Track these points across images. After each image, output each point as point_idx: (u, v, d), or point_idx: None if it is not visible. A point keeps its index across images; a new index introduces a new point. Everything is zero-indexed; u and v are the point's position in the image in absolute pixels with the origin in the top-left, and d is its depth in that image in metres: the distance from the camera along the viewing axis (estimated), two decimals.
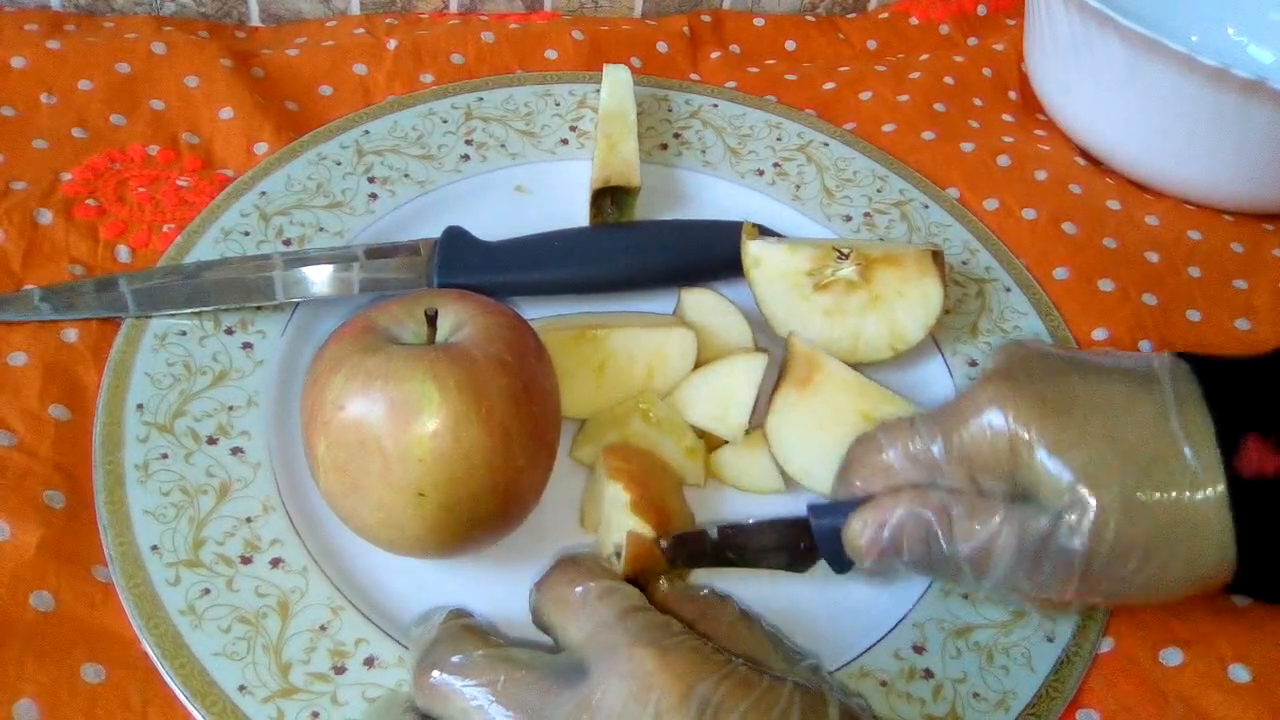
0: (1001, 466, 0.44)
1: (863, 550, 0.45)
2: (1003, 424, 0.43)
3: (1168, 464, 0.42)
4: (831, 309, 0.56)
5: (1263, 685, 0.48)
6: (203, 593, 0.45)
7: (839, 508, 0.47)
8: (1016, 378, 0.45)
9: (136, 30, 0.69)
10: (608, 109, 0.65)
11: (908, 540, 0.44)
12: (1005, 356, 0.47)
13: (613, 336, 0.53)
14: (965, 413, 0.45)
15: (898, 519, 0.44)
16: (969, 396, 0.45)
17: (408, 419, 0.41)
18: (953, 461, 0.45)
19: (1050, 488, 0.42)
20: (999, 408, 0.44)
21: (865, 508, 0.46)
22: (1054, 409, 0.43)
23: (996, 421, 0.43)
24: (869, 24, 0.84)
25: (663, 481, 0.50)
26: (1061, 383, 0.44)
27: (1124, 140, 0.70)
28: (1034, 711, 0.46)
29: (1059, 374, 0.45)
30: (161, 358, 0.53)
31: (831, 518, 0.47)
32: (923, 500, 0.44)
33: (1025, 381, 0.44)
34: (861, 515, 0.45)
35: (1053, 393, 0.44)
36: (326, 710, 0.42)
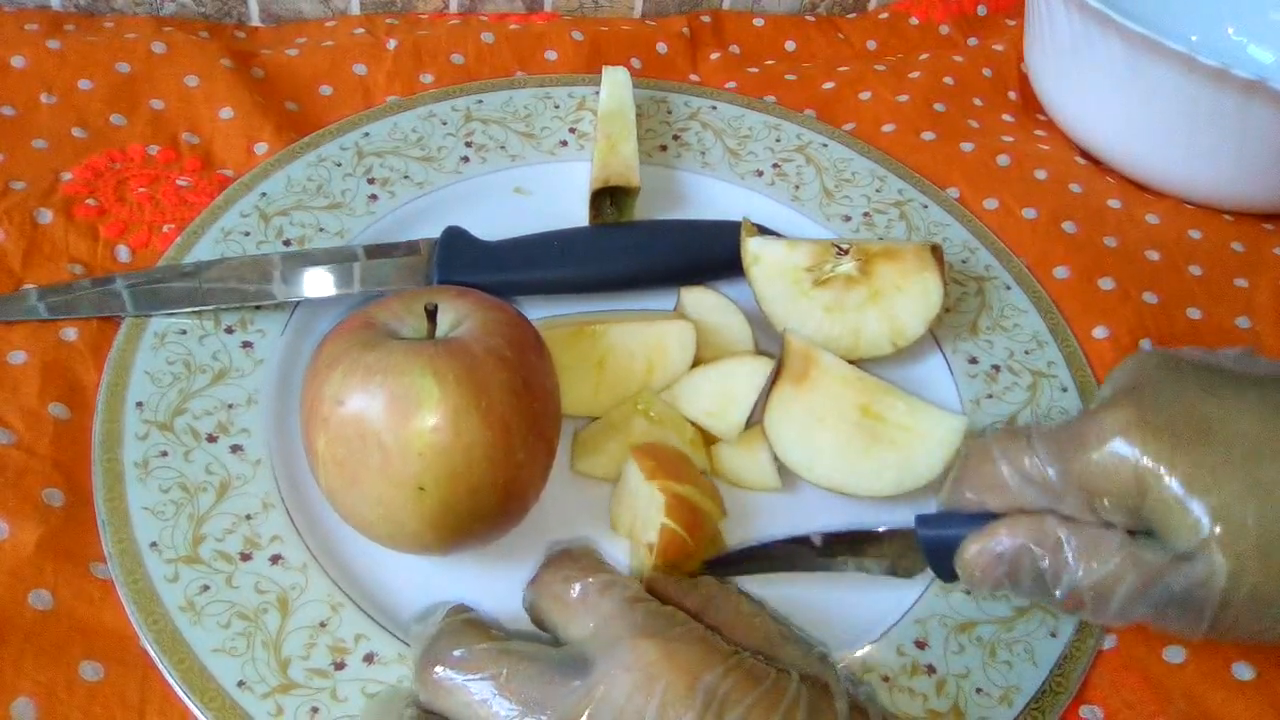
0: (1126, 499, 0.41)
1: (976, 579, 0.44)
2: (1129, 454, 0.40)
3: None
4: (831, 305, 0.56)
5: (1266, 683, 0.48)
6: (202, 589, 0.45)
7: (946, 520, 0.45)
8: (1145, 402, 0.41)
9: (136, 30, 0.69)
10: (607, 110, 0.65)
11: (1021, 572, 0.42)
12: (1135, 372, 0.44)
13: (612, 331, 0.53)
14: (1088, 438, 0.41)
15: (1011, 550, 0.42)
16: (1092, 420, 0.42)
17: (407, 413, 0.41)
18: (1071, 488, 0.42)
19: (1180, 527, 0.39)
20: (1125, 437, 0.40)
21: (979, 534, 0.43)
22: (1187, 441, 0.40)
23: (1122, 451, 0.40)
24: (869, 24, 0.84)
25: (695, 480, 0.49)
26: (1196, 408, 0.41)
27: (1124, 140, 0.70)
28: (1037, 706, 0.46)
29: (1193, 397, 0.41)
30: (161, 356, 0.53)
31: (938, 528, 0.45)
32: (1038, 532, 0.42)
33: (1155, 407, 0.41)
34: (975, 541, 0.43)
35: (1186, 421, 0.40)
36: (326, 706, 0.42)
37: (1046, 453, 0.43)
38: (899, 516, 0.52)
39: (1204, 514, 0.39)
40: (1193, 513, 0.39)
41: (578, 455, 0.52)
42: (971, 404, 0.56)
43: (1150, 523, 0.40)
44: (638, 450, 0.50)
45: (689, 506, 0.47)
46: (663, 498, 0.46)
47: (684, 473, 0.49)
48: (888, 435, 0.51)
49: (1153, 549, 0.40)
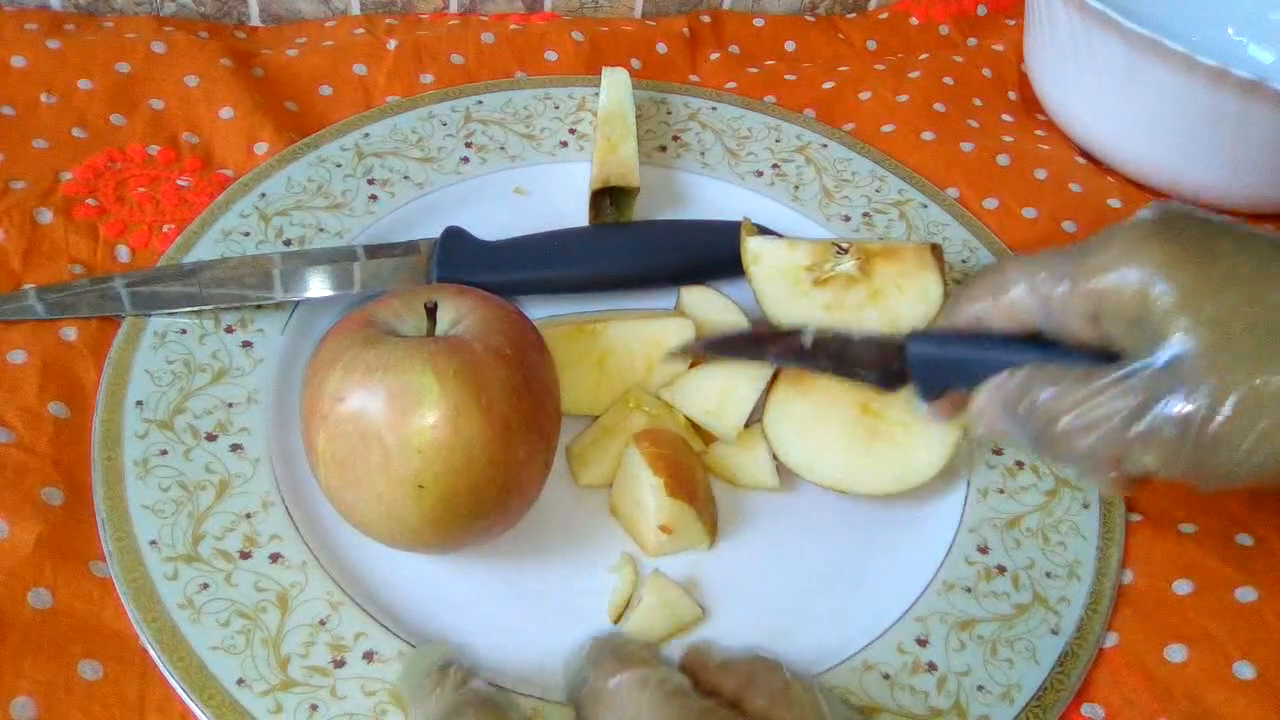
0: (1128, 312, 0.41)
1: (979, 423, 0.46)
2: (1142, 267, 0.41)
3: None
4: (831, 304, 0.56)
5: (1268, 682, 0.47)
6: (201, 587, 0.45)
7: (938, 338, 0.47)
8: (1160, 229, 0.42)
9: (136, 30, 0.69)
10: (607, 110, 0.65)
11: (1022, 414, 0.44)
12: (1160, 210, 0.44)
13: (611, 329, 0.53)
14: (1101, 252, 0.42)
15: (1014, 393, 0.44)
16: (1108, 238, 0.43)
17: (407, 410, 0.41)
18: (1077, 297, 0.43)
19: (1177, 335, 0.40)
20: (1136, 252, 0.41)
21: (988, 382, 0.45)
22: (1195, 261, 0.40)
23: (1136, 264, 0.41)
24: (869, 24, 0.84)
25: (691, 462, 0.50)
26: (1210, 238, 0.41)
27: (1124, 140, 0.70)
28: (1039, 704, 0.46)
29: (1209, 230, 0.42)
30: (161, 355, 0.53)
31: (929, 346, 0.47)
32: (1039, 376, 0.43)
33: (1170, 232, 0.42)
34: (985, 389, 0.46)
35: (1197, 244, 0.41)
36: (325, 703, 0.42)
37: (1060, 268, 0.44)
38: (900, 515, 0.52)
39: (1200, 322, 0.39)
40: (1192, 319, 0.39)
41: (578, 469, 0.52)
42: None
43: (1147, 336, 0.41)
44: (638, 436, 0.50)
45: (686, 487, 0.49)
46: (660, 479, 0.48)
47: (681, 456, 0.50)
48: (887, 432, 0.51)
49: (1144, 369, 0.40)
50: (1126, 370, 0.41)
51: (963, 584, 0.49)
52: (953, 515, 0.52)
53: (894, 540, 0.52)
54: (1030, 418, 0.44)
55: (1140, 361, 0.41)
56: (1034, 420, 0.44)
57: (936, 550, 0.51)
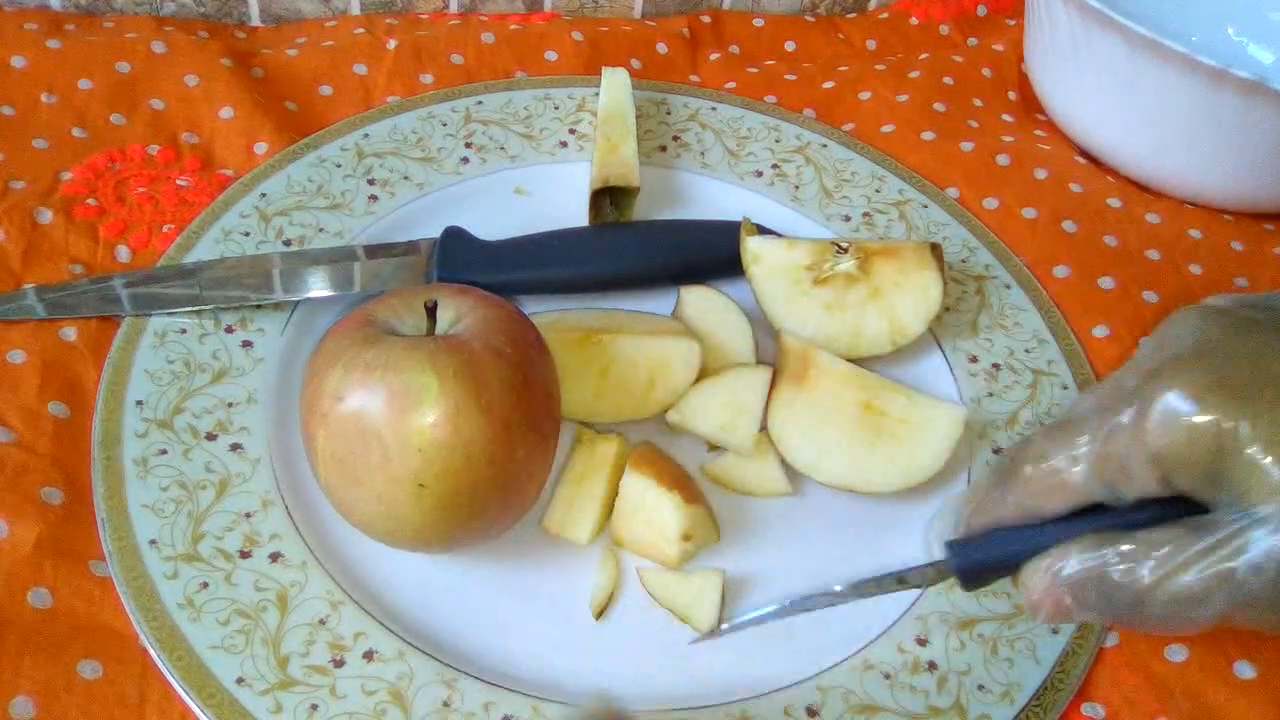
0: (1203, 466, 0.38)
1: (1040, 611, 0.41)
2: (1207, 420, 0.37)
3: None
4: (831, 304, 0.56)
5: (1268, 682, 0.47)
6: (201, 586, 0.45)
7: (980, 546, 0.43)
8: (1215, 364, 0.39)
9: (136, 30, 0.69)
10: (607, 110, 0.65)
11: (1089, 593, 0.40)
12: (1191, 331, 0.41)
13: (618, 343, 0.53)
14: (1160, 407, 0.38)
15: (1078, 573, 0.40)
16: (1161, 388, 0.39)
17: (407, 410, 0.41)
18: (1143, 465, 0.39)
19: (1264, 489, 0.36)
20: (1200, 401, 0.38)
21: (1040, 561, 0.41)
22: (1268, 400, 0.37)
23: (1199, 418, 0.37)
24: (869, 24, 0.84)
25: (679, 465, 0.51)
26: (1271, 365, 0.38)
27: (1124, 140, 0.70)
28: (1039, 703, 0.46)
29: (1265, 354, 0.39)
30: (161, 355, 0.53)
31: (973, 555, 0.43)
32: (1102, 546, 0.39)
33: (1227, 369, 0.38)
34: (1036, 572, 0.41)
35: (1260, 380, 0.38)
36: (325, 703, 0.42)
37: (1108, 431, 0.40)
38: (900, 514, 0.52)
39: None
40: (1277, 474, 0.36)
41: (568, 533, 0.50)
42: (972, 402, 0.56)
43: (1228, 491, 0.37)
44: (633, 457, 0.50)
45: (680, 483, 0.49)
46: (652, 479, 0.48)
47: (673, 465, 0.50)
48: (891, 430, 0.51)
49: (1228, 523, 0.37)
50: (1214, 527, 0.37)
51: None
52: None
53: (894, 539, 0.52)
54: (1102, 591, 0.39)
55: (1228, 517, 0.37)
56: (1110, 595, 0.39)
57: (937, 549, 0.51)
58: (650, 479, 0.48)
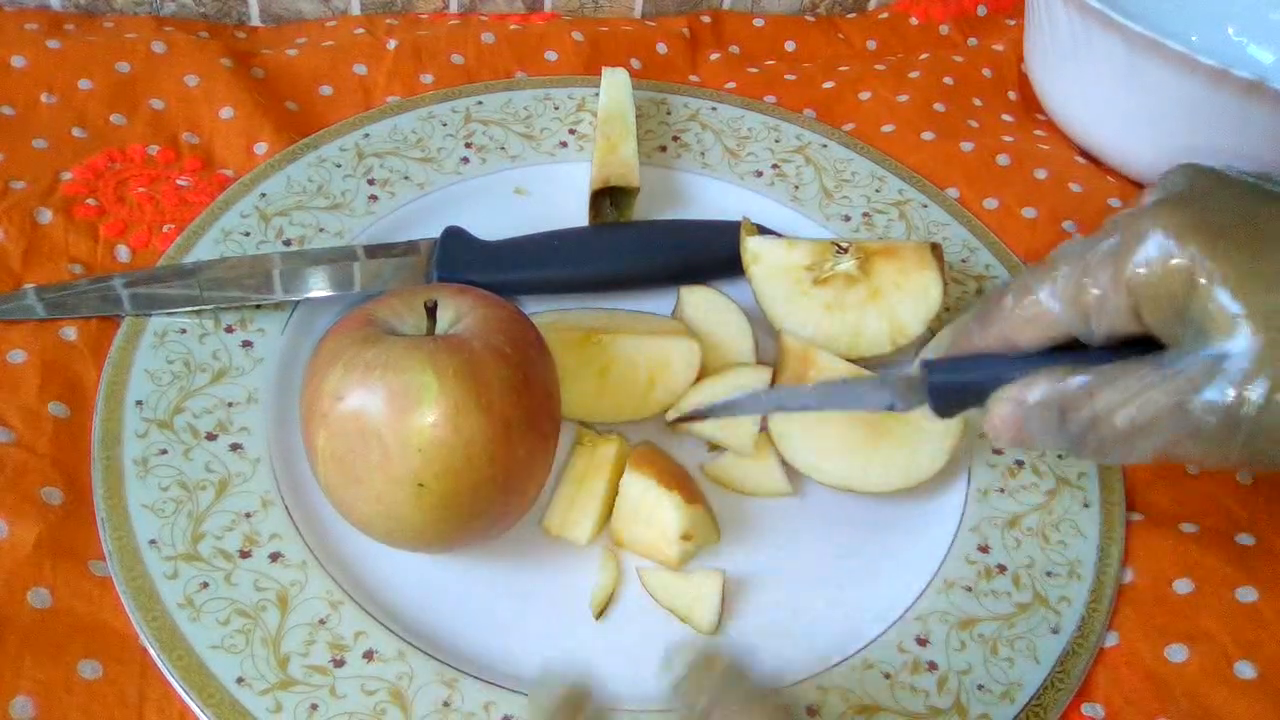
0: (1173, 300, 0.39)
1: (1001, 435, 0.43)
2: (1182, 255, 0.38)
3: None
4: (831, 304, 0.56)
5: (1269, 682, 0.47)
6: (201, 586, 0.45)
7: (955, 366, 0.45)
8: (1201, 206, 0.40)
9: (136, 30, 0.69)
10: (607, 110, 0.65)
11: (1048, 424, 0.41)
12: (1185, 179, 0.42)
13: (618, 343, 0.53)
14: (1140, 239, 0.39)
15: (1039, 404, 0.42)
16: (1144, 221, 0.40)
17: (407, 409, 0.41)
18: (1118, 293, 0.40)
19: (1224, 329, 0.38)
20: (1181, 237, 0.38)
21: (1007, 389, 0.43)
22: (1243, 243, 0.38)
23: (1176, 252, 0.38)
24: (869, 24, 0.84)
25: (679, 465, 0.51)
26: (1255, 215, 0.39)
27: (1124, 140, 0.70)
28: (1039, 703, 0.46)
29: (1251, 204, 0.40)
30: (161, 355, 0.53)
31: (947, 374, 0.45)
32: (1063, 378, 0.41)
33: (1212, 212, 0.39)
34: (1003, 401, 0.43)
35: (1243, 225, 0.39)
36: (325, 702, 0.42)
37: (1089, 260, 0.41)
38: (900, 514, 0.52)
39: (1252, 315, 0.37)
40: (1244, 312, 0.37)
41: (567, 532, 0.50)
42: None
43: (1194, 329, 0.39)
44: (632, 458, 0.50)
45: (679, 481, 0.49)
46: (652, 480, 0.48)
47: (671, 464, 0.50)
48: (891, 430, 0.51)
49: (1186, 361, 0.38)
50: (1172, 362, 0.39)
51: (963, 583, 0.49)
52: (953, 514, 0.52)
53: (894, 539, 0.52)
54: (1060, 419, 0.41)
55: (1188, 353, 0.39)
56: (1069, 423, 0.41)
57: (937, 549, 0.51)
58: (650, 479, 0.48)
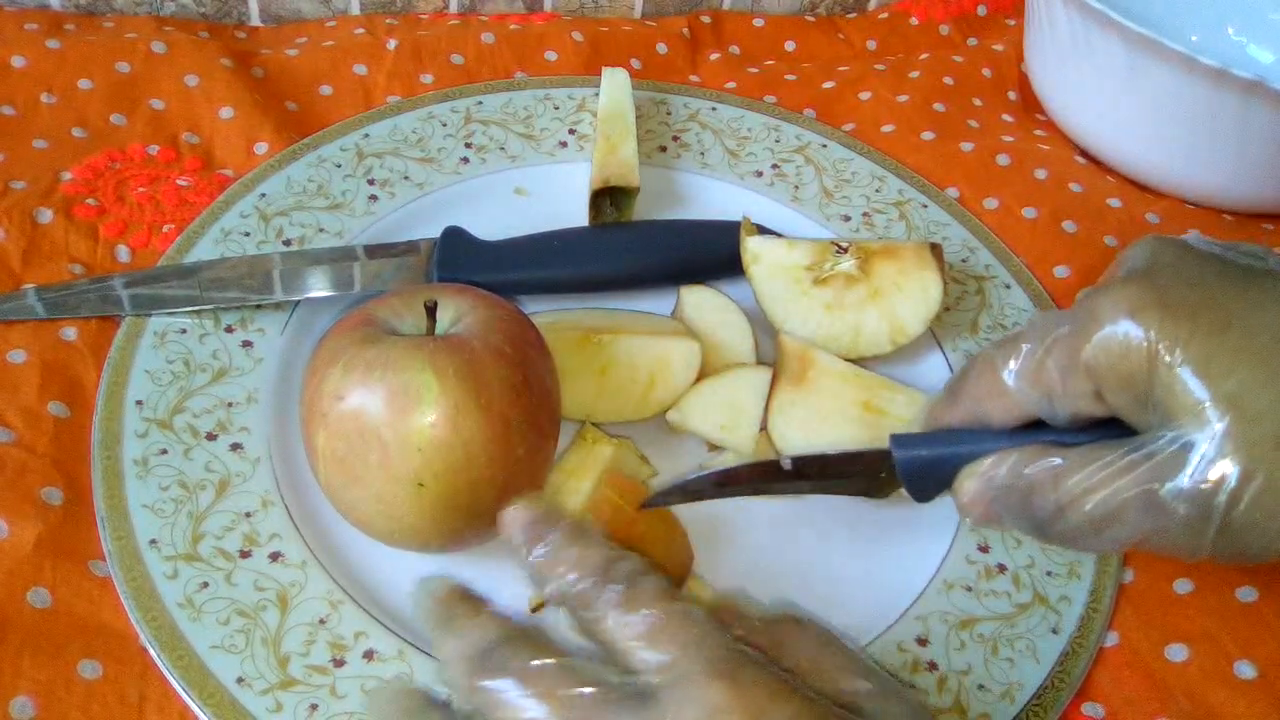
0: (1134, 385, 0.38)
1: (969, 514, 0.42)
2: (1141, 335, 0.37)
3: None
4: (831, 303, 0.56)
5: (1269, 681, 0.47)
6: (201, 586, 0.45)
7: (923, 440, 0.44)
8: (1162, 283, 0.38)
9: (136, 30, 0.69)
10: (607, 110, 0.65)
11: (1016, 504, 0.40)
12: (1149, 255, 0.41)
13: (618, 343, 0.53)
14: (1098, 319, 0.38)
15: (1006, 481, 0.40)
16: (1104, 298, 0.39)
17: (407, 409, 0.41)
18: (1077, 375, 0.39)
19: (1189, 415, 0.36)
20: (1140, 316, 0.37)
21: (974, 468, 0.42)
22: (1205, 325, 0.37)
23: (1135, 332, 0.37)
24: (869, 24, 0.84)
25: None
26: (1215, 294, 0.38)
27: (1124, 140, 0.70)
28: (1039, 703, 0.46)
29: (1213, 283, 0.38)
30: (161, 355, 0.53)
31: (916, 449, 0.43)
32: (1033, 459, 0.40)
33: (1172, 290, 0.38)
34: (970, 477, 0.42)
35: (1204, 305, 0.37)
36: (325, 702, 0.42)
37: (1049, 339, 0.40)
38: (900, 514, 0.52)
39: (1217, 400, 0.36)
40: (1205, 398, 0.36)
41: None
42: None
43: (1158, 413, 0.38)
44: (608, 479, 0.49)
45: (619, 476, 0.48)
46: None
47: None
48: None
49: (1155, 447, 0.37)
50: (1138, 447, 0.38)
51: (963, 583, 0.49)
52: (953, 514, 0.52)
53: (894, 539, 0.52)
54: (1025, 502, 0.40)
55: (1154, 438, 0.37)
56: (1034, 507, 0.40)
57: (937, 549, 0.51)
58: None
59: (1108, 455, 0.38)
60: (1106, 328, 0.38)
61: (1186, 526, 0.37)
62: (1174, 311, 0.37)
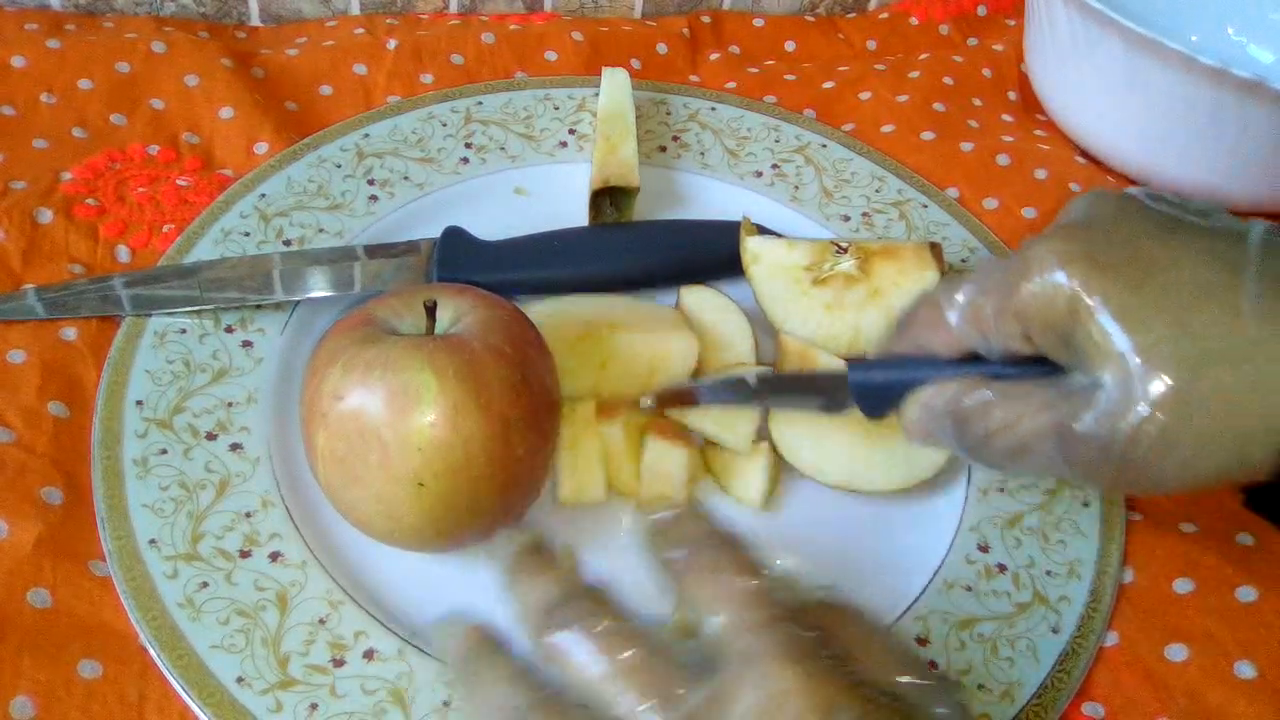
0: (1058, 329, 0.41)
1: (912, 435, 0.47)
2: (1067, 285, 0.41)
3: (1236, 357, 0.39)
4: (831, 303, 0.56)
5: (1269, 681, 0.47)
6: (201, 586, 0.45)
7: (875, 365, 0.49)
8: (1094, 238, 0.41)
9: (136, 30, 0.69)
10: (607, 110, 0.65)
11: (951, 427, 0.45)
12: (1089, 208, 0.44)
13: (618, 338, 0.53)
14: (1030, 267, 0.42)
15: (943, 408, 0.45)
16: (1038, 248, 0.42)
17: (406, 409, 0.41)
18: (1009, 318, 0.43)
19: (1103, 361, 0.40)
20: (1068, 269, 0.41)
21: (916, 395, 0.46)
22: (1127, 279, 0.40)
23: (1062, 282, 0.41)
24: (869, 24, 0.84)
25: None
26: (1143, 250, 0.41)
27: (1124, 140, 0.70)
28: (1039, 703, 0.46)
29: (1143, 240, 0.41)
30: (161, 355, 0.53)
31: (867, 372, 0.49)
32: (967, 389, 0.44)
33: (1103, 244, 0.41)
34: (914, 402, 0.46)
35: (1130, 260, 0.41)
36: (325, 702, 0.42)
37: (986, 286, 0.44)
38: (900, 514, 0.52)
39: (1129, 349, 0.39)
40: (1118, 346, 0.39)
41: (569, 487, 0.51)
42: None
43: (1077, 356, 0.41)
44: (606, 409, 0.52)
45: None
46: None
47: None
48: (891, 429, 0.51)
49: (1073, 395, 0.41)
50: (1056, 386, 0.42)
51: (963, 583, 0.49)
52: (953, 514, 0.52)
53: (894, 539, 0.52)
54: (958, 428, 0.45)
55: (1070, 379, 0.42)
56: (963, 431, 0.44)
57: (937, 549, 0.51)
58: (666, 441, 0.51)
59: (1029, 391, 0.43)
60: (1036, 276, 0.41)
61: (1091, 461, 0.41)
62: (1099, 265, 0.40)
